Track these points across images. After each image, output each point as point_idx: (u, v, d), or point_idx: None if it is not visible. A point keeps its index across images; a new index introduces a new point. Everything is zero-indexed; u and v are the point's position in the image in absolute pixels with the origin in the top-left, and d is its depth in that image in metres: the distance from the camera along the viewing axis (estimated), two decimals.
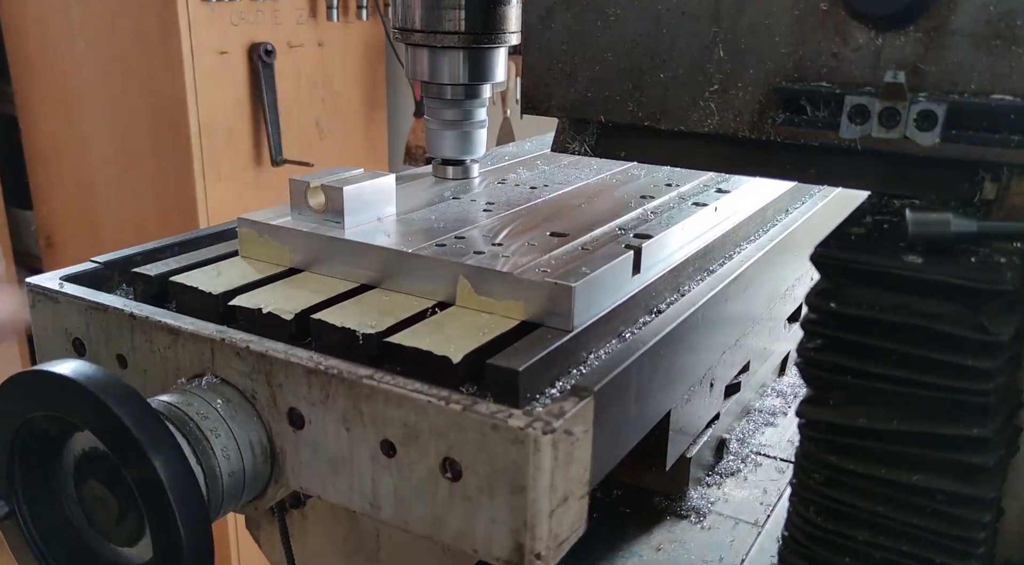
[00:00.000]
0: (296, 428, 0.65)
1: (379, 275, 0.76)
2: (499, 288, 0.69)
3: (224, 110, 2.45)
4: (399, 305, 0.72)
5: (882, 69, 0.62)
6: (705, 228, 0.90)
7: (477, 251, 0.75)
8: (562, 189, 1.00)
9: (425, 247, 0.75)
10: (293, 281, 0.78)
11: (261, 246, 0.82)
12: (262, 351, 0.65)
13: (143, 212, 2.61)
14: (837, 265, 0.57)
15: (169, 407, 0.65)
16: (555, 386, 0.63)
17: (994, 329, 0.52)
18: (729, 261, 0.90)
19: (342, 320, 0.67)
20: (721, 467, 1.01)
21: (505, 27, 0.97)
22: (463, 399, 0.57)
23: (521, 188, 1.01)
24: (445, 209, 0.90)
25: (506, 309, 0.69)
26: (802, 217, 1.06)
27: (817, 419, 0.60)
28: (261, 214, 0.84)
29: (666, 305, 0.79)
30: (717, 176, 1.04)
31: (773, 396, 1.19)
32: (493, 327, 0.67)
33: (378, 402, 0.60)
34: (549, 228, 0.83)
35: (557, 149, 0.82)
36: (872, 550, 0.60)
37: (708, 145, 0.74)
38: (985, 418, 0.54)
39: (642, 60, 0.71)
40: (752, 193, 1.01)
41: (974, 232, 0.55)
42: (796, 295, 1.16)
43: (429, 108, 1.04)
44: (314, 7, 2.64)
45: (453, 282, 0.71)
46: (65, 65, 2.60)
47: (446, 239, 0.78)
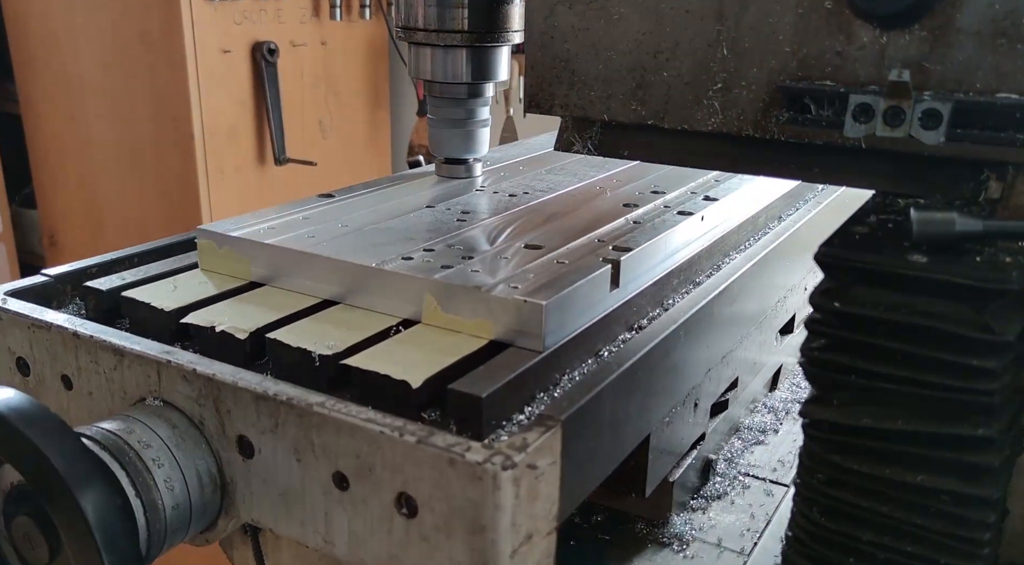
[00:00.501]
0: (246, 457, 0.62)
1: (343, 290, 0.72)
2: (467, 306, 0.66)
3: (227, 109, 2.45)
4: (362, 323, 0.68)
5: (887, 68, 0.62)
6: (691, 238, 0.86)
7: (445, 265, 0.71)
8: (543, 197, 0.97)
9: (391, 261, 0.72)
10: (252, 296, 0.75)
11: (220, 259, 0.78)
12: (209, 374, 0.61)
13: (146, 211, 2.61)
14: (841, 264, 0.57)
15: (108, 436, 0.61)
16: (524, 412, 0.59)
17: (999, 329, 0.52)
18: (717, 272, 0.87)
19: (298, 340, 0.64)
20: (707, 490, 0.96)
21: (508, 26, 0.97)
22: (419, 430, 0.54)
23: (500, 196, 0.97)
24: (417, 219, 0.86)
25: (474, 328, 0.66)
26: (796, 224, 1.03)
27: (821, 419, 0.59)
28: (220, 224, 0.80)
29: (648, 321, 0.76)
30: (705, 183, 1.01)
31: (764, 412, 1.15)
32: (459, 347, 0.64)
33: (329, 432, 0.57)
34: (525, 240, 0.80)
35: (560, 148, 0.82)
36: (876, 550, 0.59)
37: (712, 144, 0.74)
38: (990, 418, 0.54)
39: (645, 59, 0.71)
40: (743, 200, 0.98)
41: (979, 231, 0.55)
42: (789, 306, 1.12)
43: (432, 107, 1.04)
44: (317, 6, 2.65)
45: (419, 299, 0.68)
46: (68, 64, 2.60)
47: (415, 252, 0.75)
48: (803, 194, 1.16)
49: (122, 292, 0.73)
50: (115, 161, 2.62)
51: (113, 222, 2.71)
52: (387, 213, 0.88)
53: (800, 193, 1.14)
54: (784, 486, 0.98)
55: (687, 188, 0.99)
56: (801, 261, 1.07)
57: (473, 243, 0.79)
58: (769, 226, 1.03)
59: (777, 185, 1.06)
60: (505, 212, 0.90)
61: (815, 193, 1.18)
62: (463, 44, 0.97)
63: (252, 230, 0.79)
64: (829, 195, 1.16)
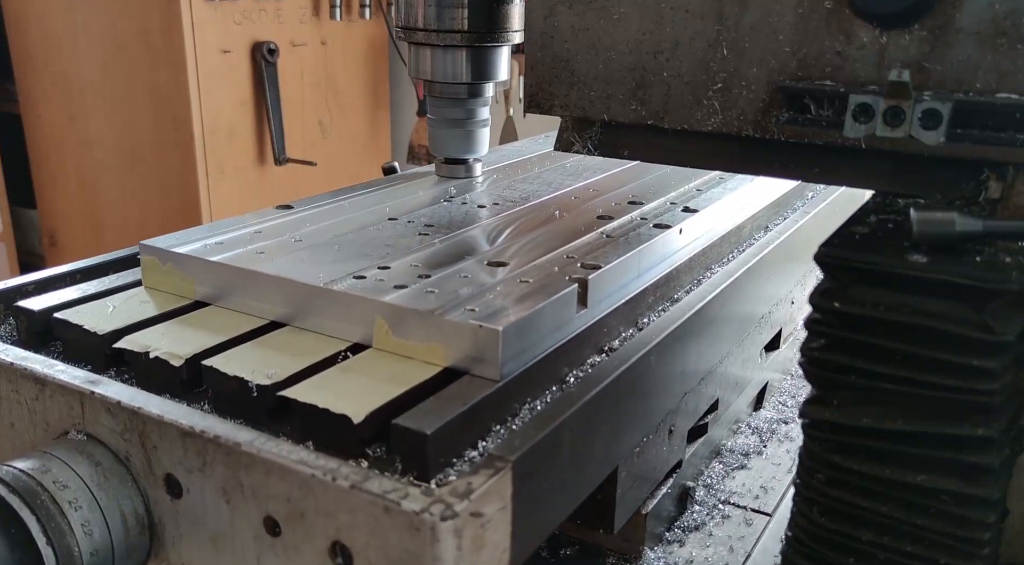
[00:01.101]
0: (174, 497, 0.58)
1: (290, 312, 0.68)
2: (419, 330, 0.61)
3: (227, 109, 2.45)
4: (309, 347, 0.64)
5: (887, 68, 0.62)
6: (668, 252, 0.82)
7: (399, 285, 0.66)
8: (513, 208, 0.92)
9: (341, 280, 0.67)
10: (195, 317, 0.70)
11: (164, 276, 0.74)
12: (134, 407, 0.57)
13: (146, 211, 2.62)
14: (841, 264, 0.57)
15: (19, 477, 0.55)
16: (478, 447, 0.55)
17: (999, 329, 0.52)
18: (697, 287, 0.83)
19: (236, 367, 0.59)
20: (684, 520, 0.90)
21: (508, 25, 0.97)
22: (353, 473, 0.50)
23: (468, 207, 0.93)
24: (377, 233, 0.81)
25: (428, 354, 0.61)
26: (783, 234, 0.98)
27: (821, 419, 0.59)
28: (166, 239, 0.76)
29: (620, 342, 0.72)
30: (686, 193, 0.98)
31: (747, 433, 1.09)
32: (410, 376, 0.59)
33: (259, 473, 0.53)
34: (489, 256, 0.75)
35: (561, 148, 0.82)
36: (876, 550, 0.59)
37: (712, 144, 0.74)
38: (990, 418, 0.54)
39: (645, 58, 0.71)
40: (726, 210, 0.94)
41: (979, 231, 0.55)
42: (775, 321, 1.08)
43: (432, 107, 1.04)
44: (317, 6, 2.65)
45: (370, 322, 0.63)
46: (68, 64, 2.60)
47: (368, 270, 0.70)
48: (792, 202, 1.11)
49: (55, 313, 0.68)
50: (115, 161, 2.62)
51: (113, 221, 2.71)
52: (347, 226, 0.83)
53: (788, 201, 1.10)
54: (766, 515, 0.93)
55: (666, 199, 0.95)
56: (789, 272, 1.04)
57: (433, 260, 0.74)
58: (755, 237, 0.99)
59: (764, 193, 1.03)
60: (471, 225, 0.86)
61: (804, 201, 1.14)
62: (463, 44, 0.97)
63: (198, 246, 0.75)
64: (819, 203, 1.12)
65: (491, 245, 0.79)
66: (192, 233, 0.78)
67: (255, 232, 0.80)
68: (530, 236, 0.82)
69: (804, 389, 1.15)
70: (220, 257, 0.72)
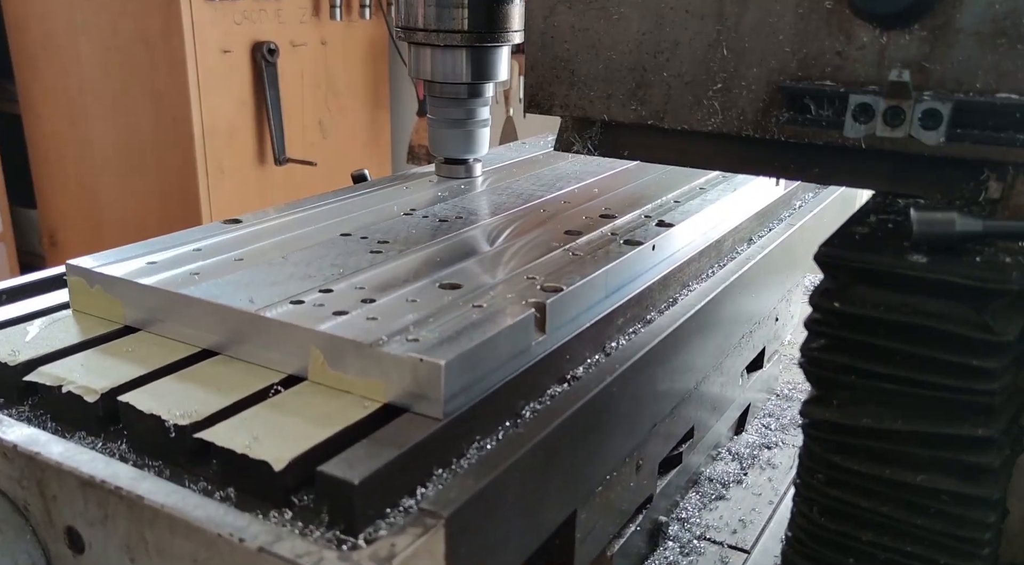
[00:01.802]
0: (76, 552, 0.53)
1: (222, 339, 0.63)
2: (356, 363, 0.56)
3: (227, 109, 2.46)
4: (238, 380, 0.58)
5: (887, 68, 0.62)
6: (640, 271, 0.77)
7: (339, 311, 0.61)
8: (476, 223, 0.86)
9: (277, 305, 0.62)
10: (121, 345, 0.64)
11: (92, 299, 0.68)
12: (32, 452, 0.52)
13: (146, 211, 2.62)
14: (841, 264, 0.57)
15: None
16: (416, 495, 0.50)
17: (999, 329, 0.52)
18: (672, 306, 0.78)
19: (155, 404, 0.54)
20: (656, 558, 0.83)
21: (508, 26, 0.97)
22: (265, 532, 0.45)
23: (429, 221, 0.87)
24: (326, 251, 0.76)
25: (366, 389, 0.56)
26: (768, 247, 0.93)
27: (821, 419, 0.59)
28: (97, 258, 0.71)
29: (585, 369, 0.67)
30: (662, 205, 0.93)
31: (727, 460, 1.04)
32: (345, 414, 0.54)
33: (163, 529, 0.48)
34: (442, 276, 0.70)
35: (561, 148, 0.82)
36: (876, 550, 0.59)
37: (712, 144, 0.74)
38: (990, 418, 0.54)
39: (645, 59, 0.71)
40: (704, 223, 0.89)
41: (979, 231, 0.55)
42: (757, 340, 1.02)
43: (432, 107, 1.04)
44: (317, 6, 2.65)
45: (305, 352, 0.58)
46: (68, 64, 2.60)
47: (308, 293, 0.65)
48: (778, 212, 1.07)
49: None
50: (115, 161, 2.62)
51: (113, 221, 2.72)
52: (296, 243, 0.78)
53: (774, 211, 1.06)
54: (744, 552, 0.87)
55: (641, 211, 0.90)
56: (773, 287, 1.00)
57: (381, 281, 0.69)
58: (737, 250, 0.94)
59: (747, 204, 0.99)
60: (427, 242, 0.79)
61: (791, 211, 1.10)
62: (463, 44, 0.97)
63: (130, 266, 0.69)
64: (806, 213, 1.08)
65: (447, 265, 0.73)
66: (127, 251, 0.73)
67: (195, 250, 0.75)
68: (489, 254, 0.77)
69: (789, 410, 1.15)
70: (150, 279, 0.66)
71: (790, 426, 1.13)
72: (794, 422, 1.12)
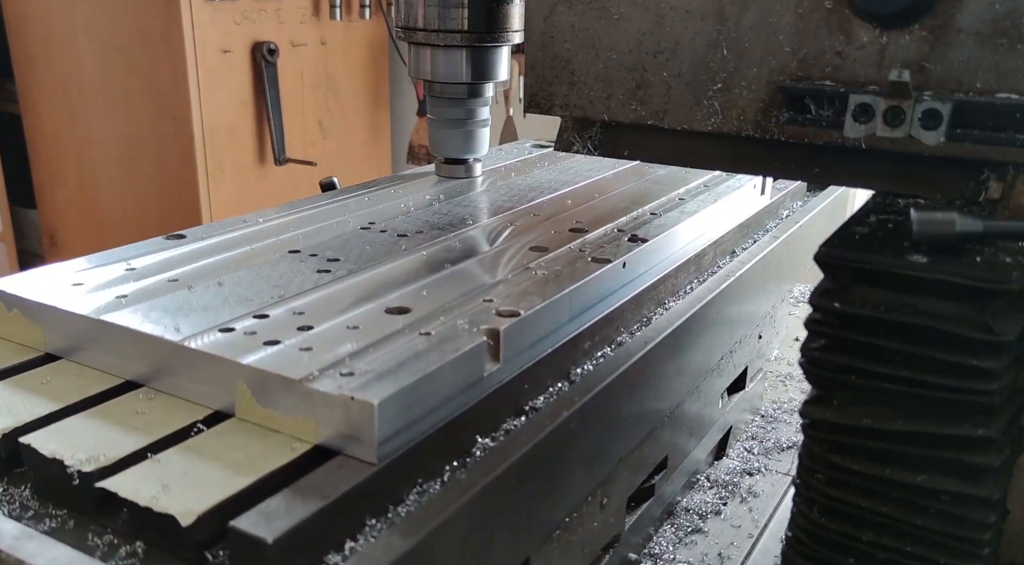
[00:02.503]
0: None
1: (146, 371, 0.58)
2: (285, 399, 0.51)
3: (227, 109, 2.45)
4: (159, 417, 0.54)
5: (887, 68, 0.61)
6: (608, 290, 0.72)
7: (271, 341, 0.56)
8: (438, 238, 0.81)
9: (205, 333, 0.57)
10: (37, 376, 0.59)
11: (10, 324, 0.64)
12: None
13: (146, 211, 2.62)
14: (841, 264, 0.57)
15: None
16: (344, 550, 0.45)
17: (999, 329, 0.52)
18: (645, 327, 0.72)
19: (60, 446, 0.49)
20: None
21: (508, 26, 0.97)
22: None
23: (386, 237, 0.81)
24: (268, 272, 0.71)
25: (296, 428, 0.51)
26: (748, 262, 0.87)
27: (821, 419, 0.59)
28: (16, 279, 0.65)
29: (546, 399, 0.61)
30: (637, 218, 0.88)
31: (706, 488, 0.97)
32: (269, 458, 0.49)
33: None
34: (391, 300, 0.64)
35: (561, 148, 0.82)
36: (876, 550, 0.59)
37: (712, 144, 0.74)
38: (990, 418, 0.54)
39: (645, 59, 0.71)
40: (681, 237, 0.84)
41: (979, 232, 0.55)
42: (739, 359, 0.96)
43: (432, 107, 1.04)
44: (317, 6, 2.65)
45: (231, 387, 0.53)
46: (68, 64, 2.60)
47: (242, 320, 0.60)
48: (763, 223, 1.01)
49: None
50: (115, 160, 2.62)
51: (113, 221, 2.71)
52: (239, 261, 0.73)
53: (760, 221, 1.00)
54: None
55: (614, 225, 0.84)
56: (757, 303, 0.94)
57: (324, 305, 0.63)
58: (719, 263, 0.88)
59: (730, 215, 0.95)
60: (381, 260, 0.74)
61: (778, 221, 1.05)
62: (463, 44, 0.97)
63: (53, 287, 0.64)
64: (793, 223, 1.02)
65: (398, 286, 0.68)
66: (54, 270, 0.68)
67: (127, 270, 0.70)
68: (446, 274, 0.71)
69: (774, 432, 1.11)
70: (71, 303, 0.61)
71: (774, 450, 1.08)
72: (778, 446, 1.08)
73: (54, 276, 0.67)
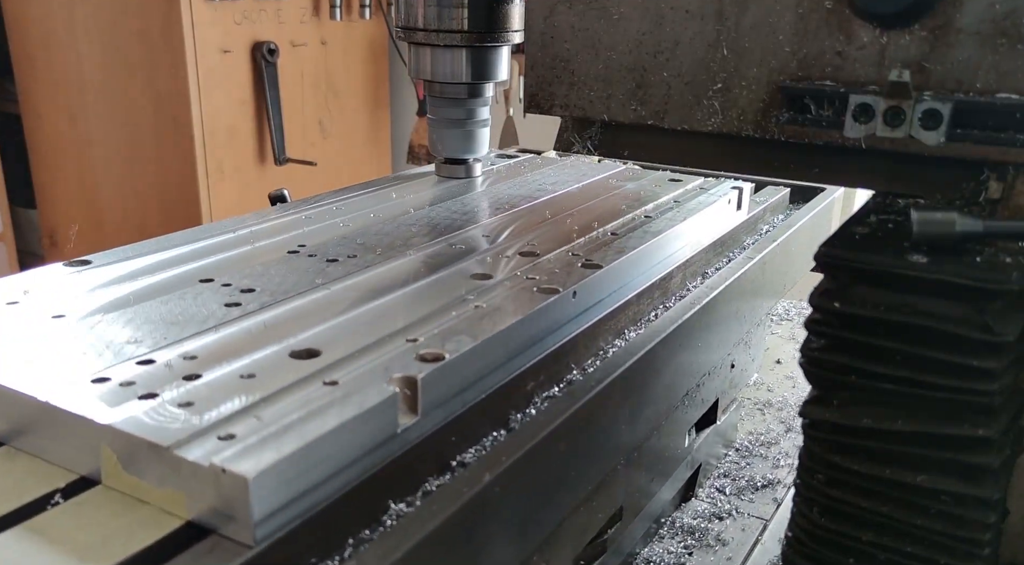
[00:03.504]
0: None
1: (6, 428, 0.50)
2: (153, 467, 0.44)
3: (227, 109, 2.45)
4: (14, 483, 0.46)
5: (887, 68, 0.62)
6: (556, 323, 0.63)
7: (148, 394, 0.48)
8: (368, 266, 0.71)
9: (75, 384, 0.49)
10: None
11: None
12: None
13: (146, 211, 2.62)
14: (841, 264, 0.57)
15: None
16: None
17: (999, 329, 0.52)
18: (599, 363, 0.64)
19: None
20: None
21: (508, 26, 0.97)
22: None
23: (314, 262, 0.71)
24: (172, 306, 0.62)
25: (166, 500, 0.44)
26: (717, 287, 0.77)
27: (821, 419, 0.59)
28: None
29: (477, 451, 0.53)
30: (597, 239, 0.79)
31: (670, 536, 0.87)
32: (131, 537, 0.42)
33: None
34: (299, 341, 0.56)
35: (560, 148, 0.82)
36: (876, 550, 0.59)
37: (712, 144, 0.74)
38: (990, 418, 0.54)
39: (645, 59, 0.71)
40: (644, 261, 0.75)
41: (980, 232, 0.55)
42: (708, 392, 0.87)
43: (432, 107, 1.04)
44: (317, 6, 2.65)
45: (96, 449, 0.46)
46: (68, 64, 2.60)
47: (119, 366, 0.52)
48: (740, 239, 0.92)
49: None
50: (115, 161, 2.62)
51: (113, 221, 2.71)
52: (140, 294, 0.64)
53: (736, 238, 0.91)
54: None
55: (569, 248, 0.76)
56: (729, 329, 0.84)
57: (221, 347, 0.55)
58: (689, 287, 0.79)
59: (701, 234, 0.86)
60: (302, 291, 0.65)
61: (757, 237, 0.96)
62: (463, 44, 0.97)
63: None
64: (771, 241, 0.91)
65: (314, 322, 0.59)
66: None
67: (7, 304, 0.61)
68: (371, 307, 0.62)
69: (748, 469, 1.02)
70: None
71: (747, 489, 0.99)
72: (752, 484, 1.00)
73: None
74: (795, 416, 1.07)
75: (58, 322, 0.59)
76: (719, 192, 0.95)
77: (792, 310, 1.56)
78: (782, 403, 1.22)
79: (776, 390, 1.26)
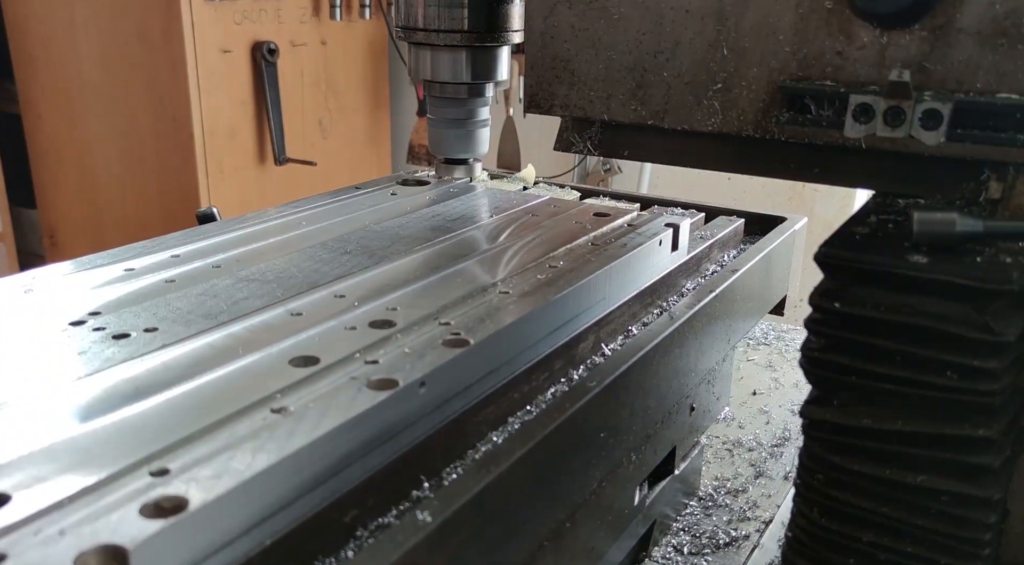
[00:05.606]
0: None
1: None
2: None
3: (227, 109, 2.45)
4: None
5: (887, 68, 0.61)
6: (391, 430, 0.48)
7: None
8: (178, 344, 0.54)
9: None
10: None
11: None
12: None
13: (146, 210, 2.61)
14: (841, 264, 0.57)
15: None
16: None
17: (1000, 329, 0.52)
18: (460, 471, 0.50)
19: None
20: None
21: (508, 26, 0.97)
22: None
23: (102, 340, 0.55)
24: (20, 355, 0.52)
25: None
26: (645, 345, 0.65)
27: (821, 419, 0.59)
28: None
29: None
30: (471, 299, 0.63)
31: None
32: None
33: None
34: None
35: (560, 148, 0.82)
36: (876, 551, 0.59)
37: (712, 144, 0.74)
38: (991, 419, 0.54)
39: (645, 59, 0.71)
40: (540, 323, 0.61)
41: (980, 232, 0.55)
42: (659, 445, 0.75)
43: (432, 107, 1.04)
44: (317, 6, 2.65)
45: None
46: (68, 64, 2.60)
47: None
48: (678, 284, 0.78)
49: None
50: (115, 160, 2.62)
51: (113, 221, 2.71)
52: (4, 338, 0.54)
53: (673, 284, 0.78)
54: None
55: (435, 311, 0.60)
56: (671, 385, 0.72)
57: None
58: (606, 350, 0.67)
59: (626, 282, 0.72)
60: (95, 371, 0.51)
61: (700, 279, 0.82)
62: (463, 44, 0.97)
63: None
64: (721, 281, 0.79)
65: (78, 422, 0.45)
66: None
67: None
68: (120, 420, 0.45)
69: (711, 522, 0.89)
70: None
71: (708, 547, 0.86)
72: (714, 541, 0.87)
73: None
74: (767, 458, 1.03)
75: None
76: (649, 231, 0.79)
77: (771, 333, 1.41)
78: (753, 442, 1.07)
79: (748, 427, 1.11)
